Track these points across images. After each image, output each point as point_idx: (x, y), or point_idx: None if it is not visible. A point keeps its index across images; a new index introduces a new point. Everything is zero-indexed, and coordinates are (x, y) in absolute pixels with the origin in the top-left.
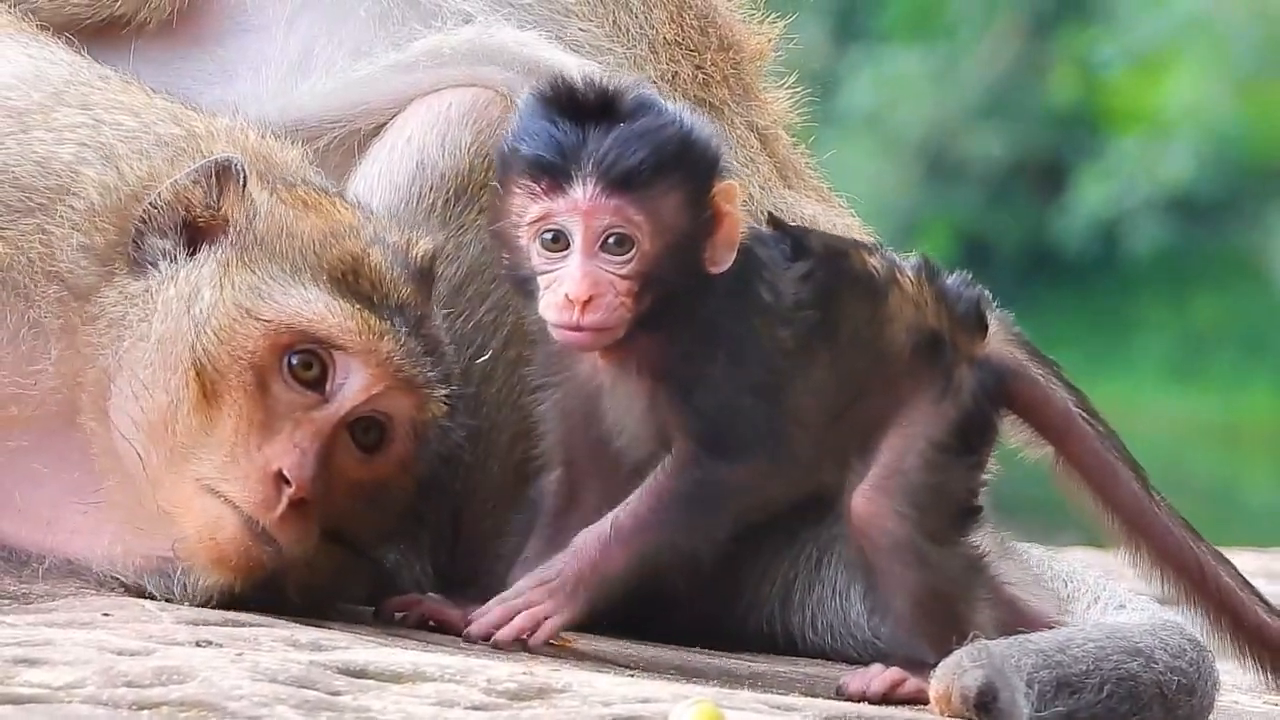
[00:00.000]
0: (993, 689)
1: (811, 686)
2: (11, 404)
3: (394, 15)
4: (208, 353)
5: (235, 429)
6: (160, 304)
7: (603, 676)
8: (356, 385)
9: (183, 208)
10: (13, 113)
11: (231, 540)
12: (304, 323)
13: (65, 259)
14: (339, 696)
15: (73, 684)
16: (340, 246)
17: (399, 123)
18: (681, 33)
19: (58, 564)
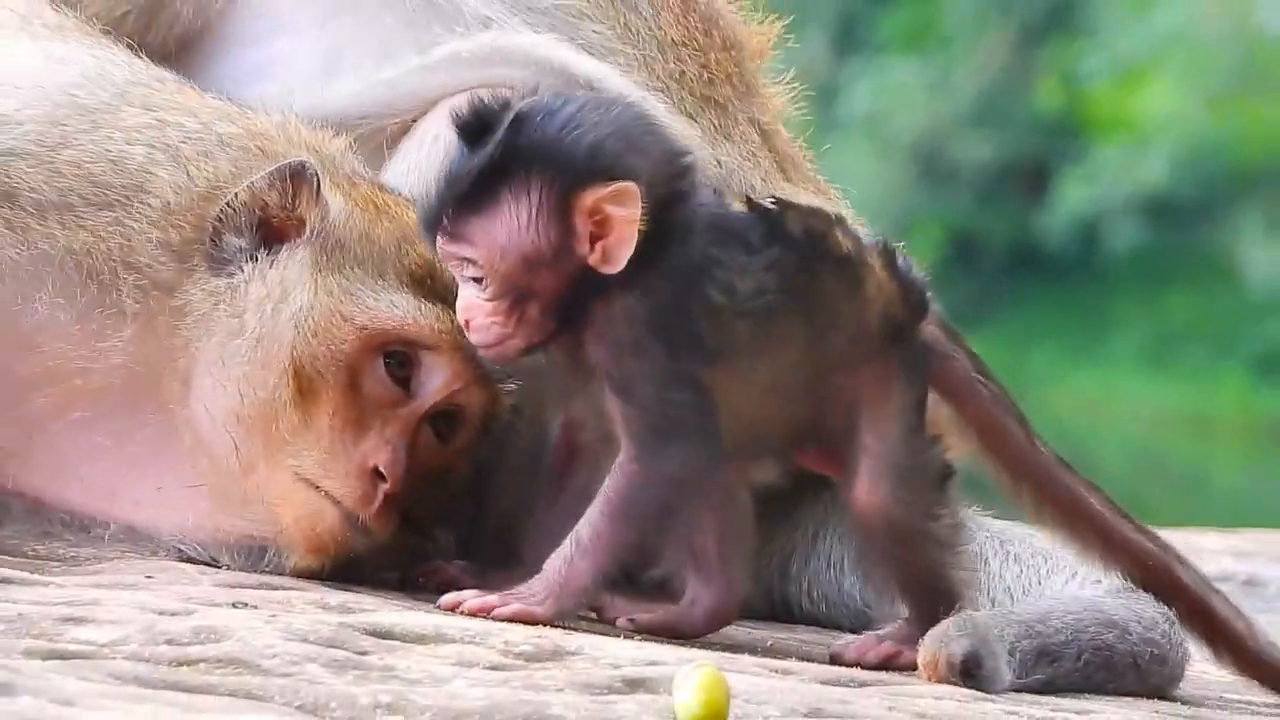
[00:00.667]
0: (977, 657)
1: (808, 652)
2: (76, 377)
3: (419, 20)
4: (306, 353)
5: (331, 425)
6: (251, 302)
7: (613, 640)
8: (440, 381)
9: (259, 208)
10: (83, 110)
11: (331, 531)
12: (396, 325)
13: (144, 253)
14: (366, 656)
15: (116, 641)
16: (415, 249)
17: (427, 121)
18: (687, 34)
19: (119, 532)
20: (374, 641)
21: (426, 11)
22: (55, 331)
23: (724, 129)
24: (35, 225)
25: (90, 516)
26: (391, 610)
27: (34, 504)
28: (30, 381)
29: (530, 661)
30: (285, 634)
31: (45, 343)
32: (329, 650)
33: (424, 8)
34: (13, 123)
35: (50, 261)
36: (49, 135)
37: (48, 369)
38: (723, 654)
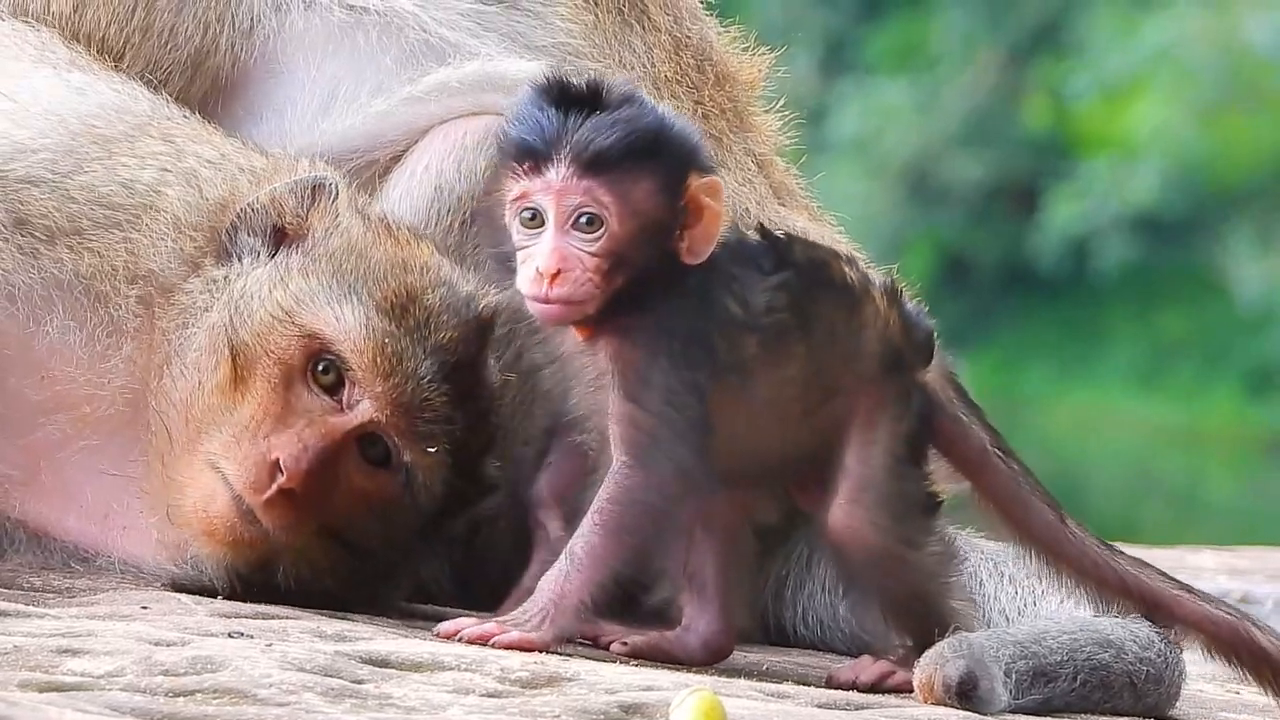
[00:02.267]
0: (973, 678)
1: (804, 676)
2: (87, 403)
3: (414, 60)
4: (243, 342)
5: (251, 415)
6: (228, 295)
7: (609, 666)
8: (365, 406)
9: (275, 212)
10: (99, 139)
11: (220, 514)
12: (331, 336)
13: (153, 261)
14: (362, 684)
15: (113, 673)
16: (403, 279)
17: (418, 151)
18: (679, 70)
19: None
20: (370, 670)
21: (423, 51)
22: (66, 356)
23: (720, 160)
24: (45, 250)
25: (86, 544)
26: (388, 638)
27: (37, 533)
28: (41, 408)
29: (527, 688)
30: (282, 663)
31: (56, 368)
32: (325, 679)
33: (421, 48)
34: (29, 150)
35: (60, 286)
36: (63, 162)
37: (57, 395)
38: (719, 678)
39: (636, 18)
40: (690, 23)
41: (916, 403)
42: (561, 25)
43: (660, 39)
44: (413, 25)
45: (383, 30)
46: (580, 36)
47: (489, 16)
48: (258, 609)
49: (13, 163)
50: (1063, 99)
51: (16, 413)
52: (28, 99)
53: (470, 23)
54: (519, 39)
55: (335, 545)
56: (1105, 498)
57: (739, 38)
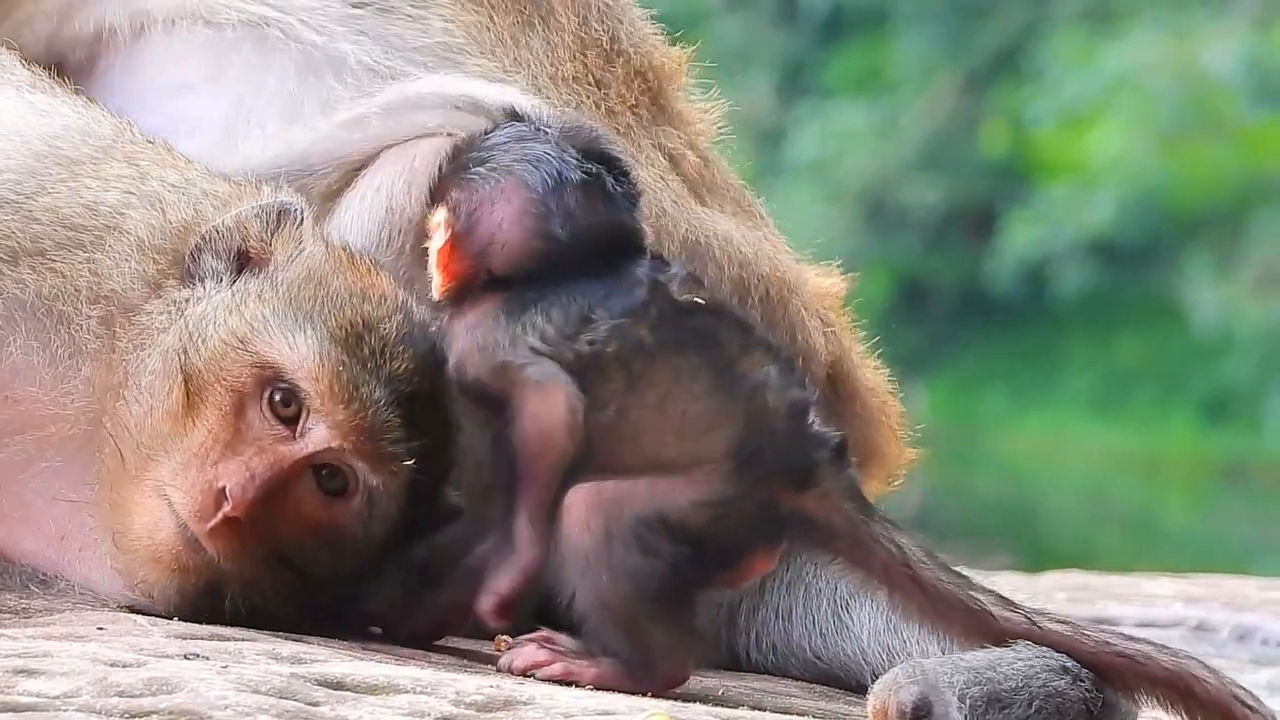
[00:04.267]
0: (927, 704)
1: (759, 701)
2: (50, 424)
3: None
4: (195, 367)
5: (200, 442)
6: (185, 318)
7: (565, 690)
8: (320, 434)
9: (240, 235)
10: (63, 161)
11: (164, 541)
12: (283, 363)
13: (115, 282)
14: (318, 707)
15: (68, 693)
16: (358, 308)
17: (369, 173)
18: (584, 68)
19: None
20: (326, 692)
21: (317, 63)
22: (28, 376)
23: (631, 157)
24: (7, 271)
25: (42, 567)
26: (343, 661)
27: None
28: (3, 430)
29: (482, 711)
30: (237, 685)
31: (18, 389)
32: (281, 701)
33: (306, 60)
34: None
35: (22, 306)
36: (26, 183)
37: (20, 415)
38: (674, 703)
39: (540, 18)
40: (599, 22)
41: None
42: (439, 25)
43: (564, 39)
44: (286, 35)
45: (256, 45)
46: (461, 35)
47: (362, 20)
48: (214, 630)
49: None
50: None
51: None
52: None
53: (344, 27)
54: (397, 41)
55: (285, 571)
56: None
57: (657, 32)
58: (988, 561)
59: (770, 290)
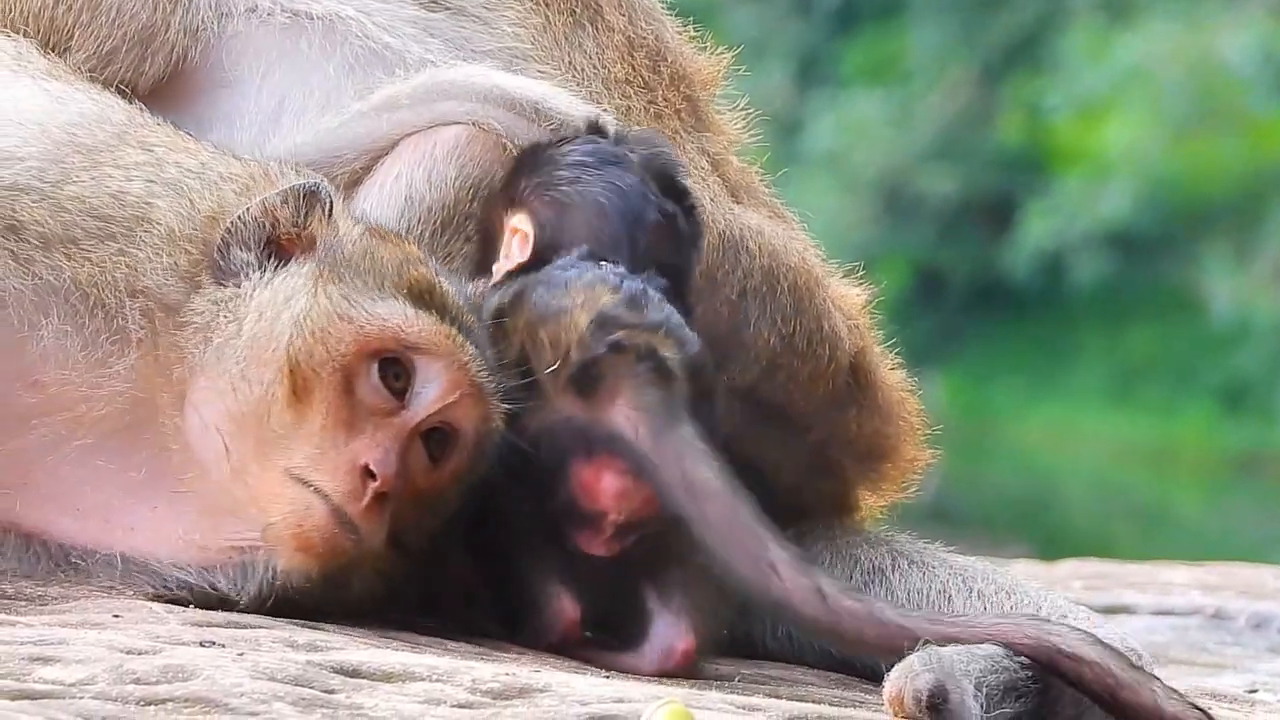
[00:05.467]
0: (943, 691)
1: (775, 689)
2: (81, 403)
3: (359, 68)
4: (302, 351)
5: (324, 424)
6: (252, 309)
7: (580, 678)
8: (434, 393)
9: (269, 223)
10: (82, 149)
11: (318, 527)
12: (394, 329)
13: (150, 277)
14: (334, 694)
15: (84, 681)
16: (418, 270)
17: (388, 161)
18: (632, 71)
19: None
20: (342, 680)
21: (368, 59)
22: (60, 360)
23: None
24: (40, 258)
25: (84, 547)
26: (359, 648)
27: (29, 537)
28: (32, 411)
29: (498, 699)
30: (253, 672)
31: (49, 372)
32: (297, 689)
33: (365, 56)
34: (14, 159)
35: (55, 292)
36: (50, 172)
37: (50, 398)
38: (690, 690)
39: (590, 19)
40: (645, 22)
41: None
42: (509, 30)
43: (614, 39)
44: (355, 33)
45: (325, 37)
46: (528, 40)
47: (434, 22)
48: (229, 618)
49: (0, 170)
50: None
51: (6, 417)
52: (9, 108)
53: (414, 29)
54: (465, 45)
55: (392, 550)
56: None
57: (696, 37)
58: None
59: (799, 280)
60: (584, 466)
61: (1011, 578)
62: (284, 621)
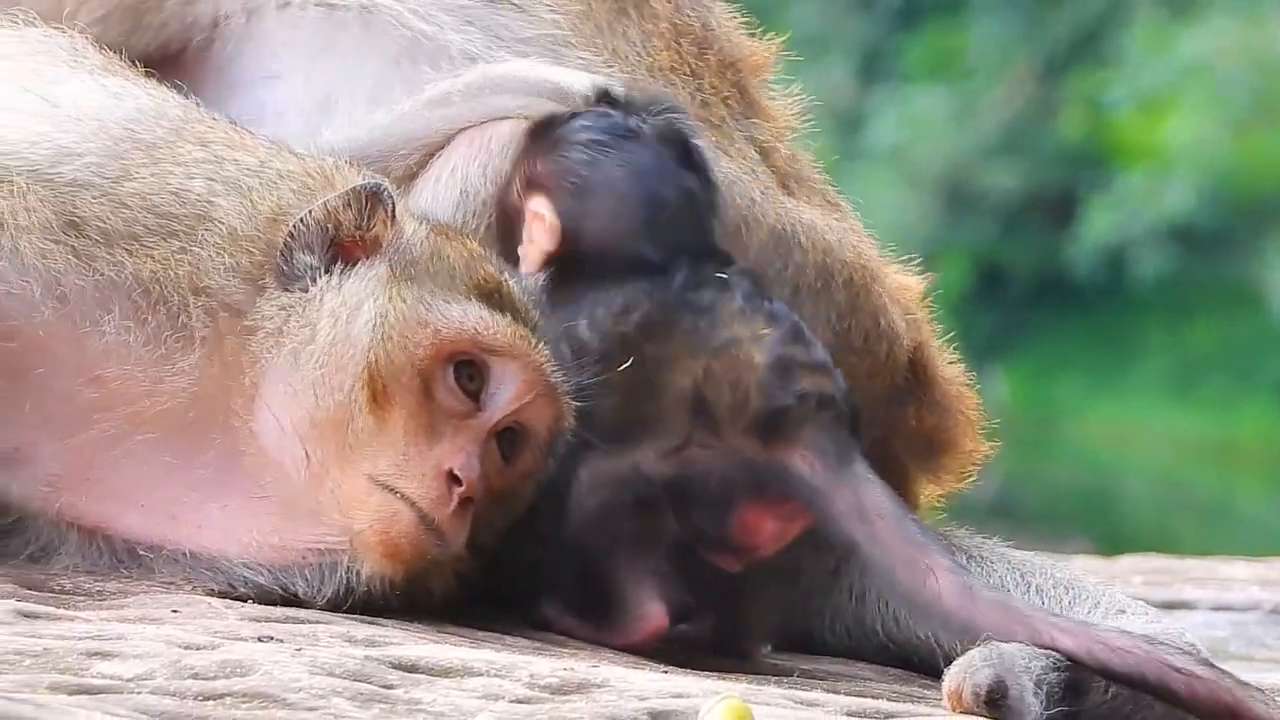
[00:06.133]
0: (1002, 686)
1: (834, 685)
2: (144, 399)
3: (404, 59)
4: (381, 357)
5: (405, 430)
6: (325, 312)
7: (638, 672)
8: (510, 394)
9: (332, 226)
10: (141, 145)
11: (406, 534)
12: (471, 332)
13: (213, 277)
14: (392, 690)
15: (142, 676)
16: (484, 269)
17: (444, 156)
18: (679, 59)
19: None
20: (400, 675)
21: (411, 50)
22: (122, 356)
23: (721, 146)
24: (102, 254)
25: (149, 543)
26: (417, 643)
27: (91, 532)
28: (93, 406)
29: (556, 694)
30: (311, 667)
31: (111, 367)
32: (355, 684)
33: (409, 47)
34: (74, 154)
35: (117, 288)
36: (110, 168)
37: (111, 393)
38: (748, 685)
39: (634, 5)
40: (691, 9)
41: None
42: (548, 16)
43: (659, 25)
44: (393, 22)
45: (363, 28)
46: (567, 27)
47: (471, 10)
48: (287, 613)
49: (60, 166)
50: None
51: (67, 412)
52: (67, 104)
53: (452, 17)
54: (504, 32)
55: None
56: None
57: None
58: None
59: (854, 276)
60: (752, 507)
61: (1070, 573)
62: (342, 617)
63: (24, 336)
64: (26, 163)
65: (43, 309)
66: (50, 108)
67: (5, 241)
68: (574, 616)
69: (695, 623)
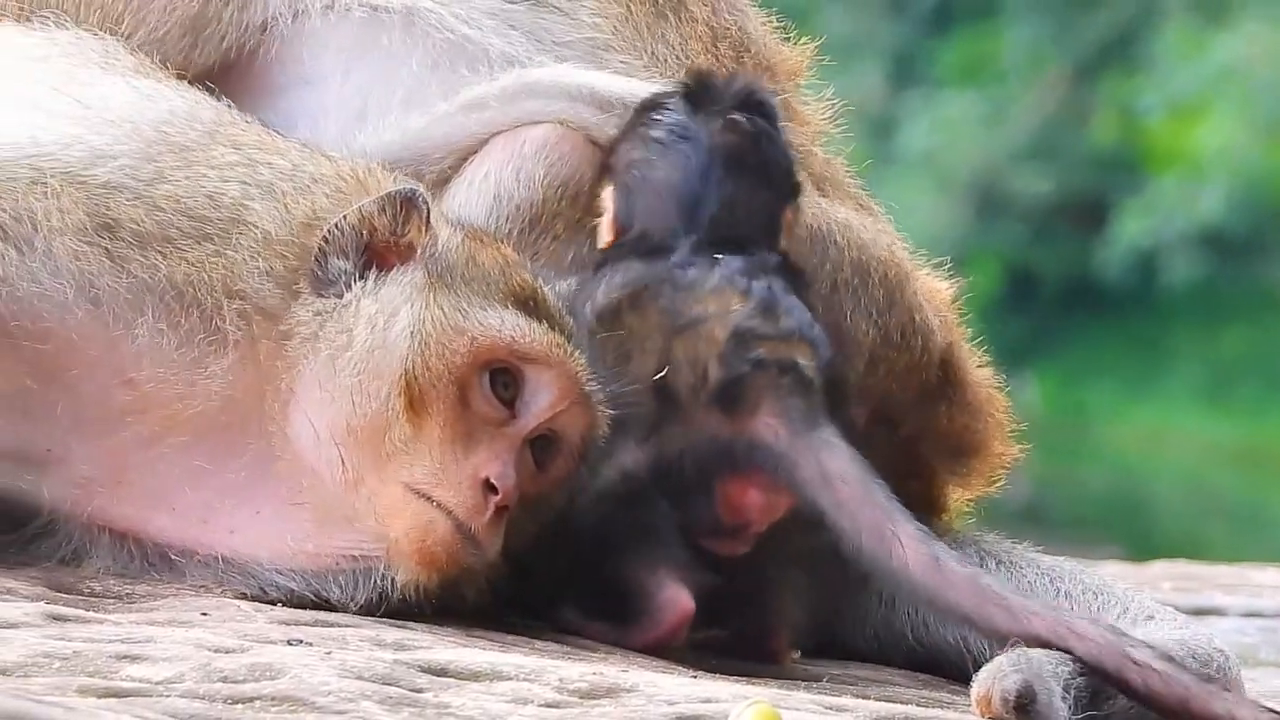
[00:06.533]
0: (1031, 691)
1: (863, 690)
2: (176, 401)
3: (443, 62)
4: (418, 364)
5: (442, 437)
6: (362, 319)
7: (667, 677)
8: (545, 402)
9: (367, 231)
10: (175, 148)
11: (442, 542)
12: (507, 339)
13: (248, 281)
14: (421, 693)
15: (171, 679)
16: (518, 275)
17: (477, 160)
18: (716, 61)
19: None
20: (429, 679)
21: (451, 54)
22: (154, 358)
23: None
24: (136, 256)
25: (181, 547)
26: (446, 647)
27: (123, 535)
28: (126, 409)
29: (585, 699)
30: (340, 671)
31: (143, 369)
32: (384, 687)
33: (448, 50)
34: (107, 156)
35: (150, 290)
36: (143, 170)
37: (144, 395)
38: (778, 690)
39: (673, 9)
40: (729, 13)
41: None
42: (589, 20)
43: (697, 30)
44: (435, 25)
45: (405, 31)
46: (608, 31)
47: (514, 14)
48: (317, 616)
49: (94, 168)
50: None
51: (100, 414)
52: (100, 106)
53: (494, 20)
54: (545, 36)
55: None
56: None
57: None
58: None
59: (889, 272)
60: (731, 482)
61: (1099, 578)
62: (371, 620)
63: (57, 338)
64: (60, 164)
65: (76, 311)
66: (83, 109)
67: (39, 243)
68: (598, 619)
69: (724, 625)
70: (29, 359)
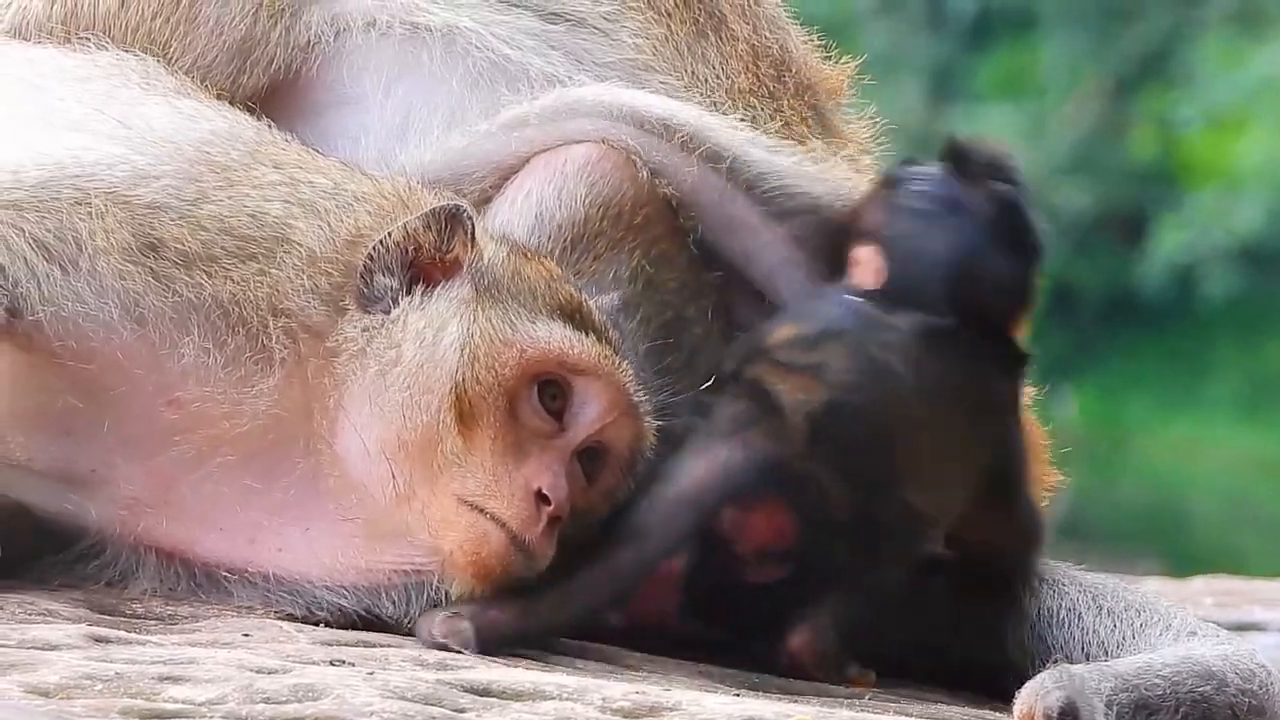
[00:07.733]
0: (1073, 708)
1: (905, 706)
2: (223, 420)
3: (484, 82)
4: (468, 377)
5: (493, 450)
6: (410, 334)
7: (710, 696)
8: (594, 413)
9: (411, 248)
10: (217, 168)
11: (497, 554)
12: (557, 352)
13: (293, 299)
14: (464, 713)
15: (214, 700)
16: (564, 288)
17: (518, 179)
18: (757, 81)
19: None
20: (472, 699)
21: (491, 73)
22: (200, 377)
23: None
24: (181, 275)
25: (229, 566)
26: (489, 667)
27: (170, 555)
28: (173, 429)
29: (628, 718)
30: (383, 692)
31: (189, 389)
32: (427, 708)
33: (489, 69)
34: (150, 177)
35: (196, 310)
36: (186, 190)
37: (190, 415)
38: (820, 707)
39: (714, 28)
40: (770, 31)
41: None
42: (630, 41)
43: (738, 49)
44: (476, 45)
45: (446, 50)
46: (649, 51)
47: (554, 35)
48: (359, 636)
49: (138, 188)
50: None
51: (146, 434)
52: (142, 126)
53: (535, 41)
54: (585, 57)
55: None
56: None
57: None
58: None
59: None
60: (731, 514)
61: (1142, 594)
62: (413, 640)
63: (102, 358)
64: (104, 184)
65: (121, 330)
66: (125, 130)
67: (84, 263)
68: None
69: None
70: (74, 378)
